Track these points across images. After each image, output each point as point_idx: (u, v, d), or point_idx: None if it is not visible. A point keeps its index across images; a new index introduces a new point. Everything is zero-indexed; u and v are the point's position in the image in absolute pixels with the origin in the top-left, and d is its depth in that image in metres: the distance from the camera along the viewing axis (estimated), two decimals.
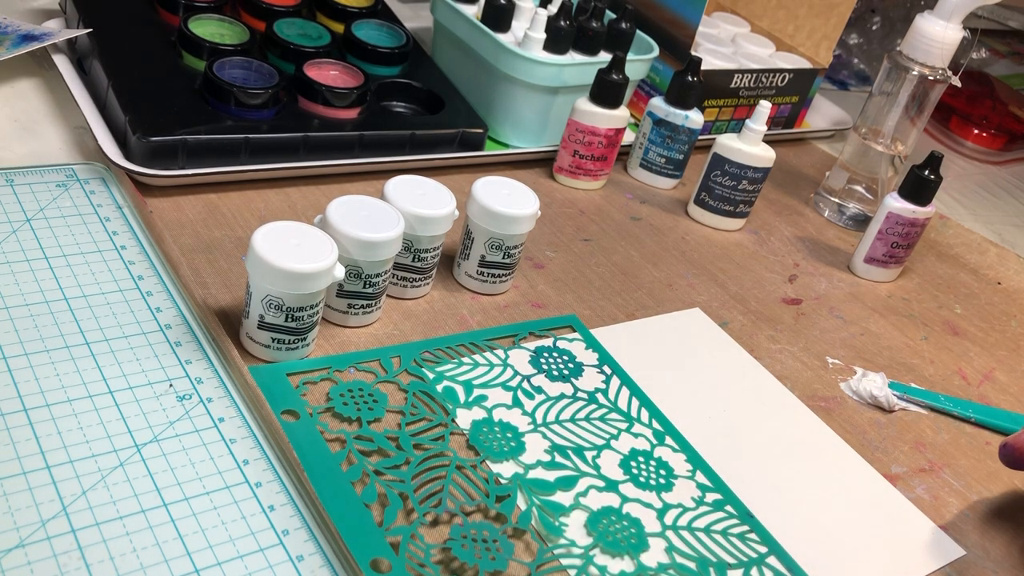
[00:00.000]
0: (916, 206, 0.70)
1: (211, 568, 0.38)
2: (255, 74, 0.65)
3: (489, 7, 0.74)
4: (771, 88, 0.88)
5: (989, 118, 1.09)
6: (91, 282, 0.51)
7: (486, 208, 0.55)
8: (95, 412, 0.43)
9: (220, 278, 0.53)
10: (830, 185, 0.82)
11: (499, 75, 0.72)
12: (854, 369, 0.62)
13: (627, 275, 0.65)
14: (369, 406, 0.47)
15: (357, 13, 0.77)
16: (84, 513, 0.39)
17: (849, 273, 0.75)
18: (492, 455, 0.47)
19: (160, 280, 0.52)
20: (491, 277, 0.58)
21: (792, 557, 0.47)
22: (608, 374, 0.55)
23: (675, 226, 0.73)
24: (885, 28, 1.22)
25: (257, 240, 0.45)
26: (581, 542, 0.44)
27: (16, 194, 0.55)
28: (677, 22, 0.82)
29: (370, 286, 0.51)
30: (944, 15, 0.72)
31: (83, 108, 0.61)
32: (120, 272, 0.52)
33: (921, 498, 0.53)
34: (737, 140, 0.72)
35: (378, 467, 0.44)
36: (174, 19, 0.69)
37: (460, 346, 0.53)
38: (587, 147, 0.72)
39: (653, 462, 0.50)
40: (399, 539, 0.41)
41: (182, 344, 0.48)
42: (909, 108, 0.76)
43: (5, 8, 0.73)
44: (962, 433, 0.60)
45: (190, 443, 0.43)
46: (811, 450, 0.54)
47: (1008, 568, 0.50)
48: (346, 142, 0.65)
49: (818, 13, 0.93)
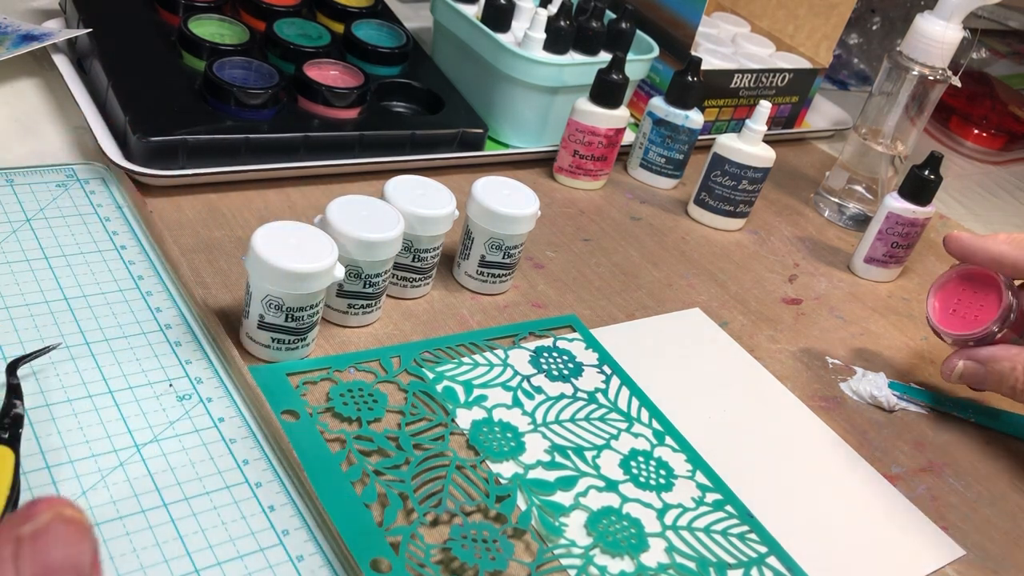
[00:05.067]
0: (916, 206, 0.70)
1: (211, 568, 0.38)
2: (255, 74, 0.65)
3: (489, 7, 0.74)
4: (771, 88, 0.88)
5: (989, 118, 1.09)
6: (91, 282, 0.51)
7: (486, 208, 0.55)
8: (95, 412, 0.43)
9: (220, 278, 0.53)
10: (830, 185, 0.82)
11: (499, 75, 0.72)
12: (854, 369, 0.62)
13: (627, 275, 0.65)
14: (369, 406, 0.47)
15: (357, 13, 0.77)
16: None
17: (849, 273, 0.75)
18: (492, 455, 0.47)
19: (160, 280, 0.52)
20: (491, 277, 0.58)
21: (792, 557, 0.47)
22: (608, 374, 0.55)
23: (675, 226, 0.73)
24: (885, 28, 1.22)
25: (257, 240, 0.45)
26: (581, 542, 0.44)
27: (16, 194, 0.55)
28: (677, 22, 0.82)
29: (370, 286, 0.51)
30: (944, 15, 0.72)
31: (83, 108, 0.61)
32: (120, 272, 0.52)
33: (921, 498, 0.53)
34: (737, 140, 0.72)
35: (378, 467, 0.44)
36: (174, 19, 0.69)
37: (460, 346, 0.53)
38: (587, 147, 0.72)
39: (653, 462, 0.50)
40: (399, 539, 0.41)
41: (182, 344, 0.48)
42: (909, 108, 0.76)
43: (5, 8, 0.73)
44: (962, 433, 0.60)
45: (190, 443, 0.43)
46: (811, 450, 0.54)
47: (1008, 568, 0.50)
48: (346, 142, 0.65)
49: (818, 13, 0.93)
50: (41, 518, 0.24)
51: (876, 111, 0.78)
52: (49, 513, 0.24)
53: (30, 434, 0.41)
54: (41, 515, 0.24)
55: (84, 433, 0.42)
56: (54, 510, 0.24)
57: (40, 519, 0.24)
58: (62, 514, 0.24)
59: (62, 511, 0.24)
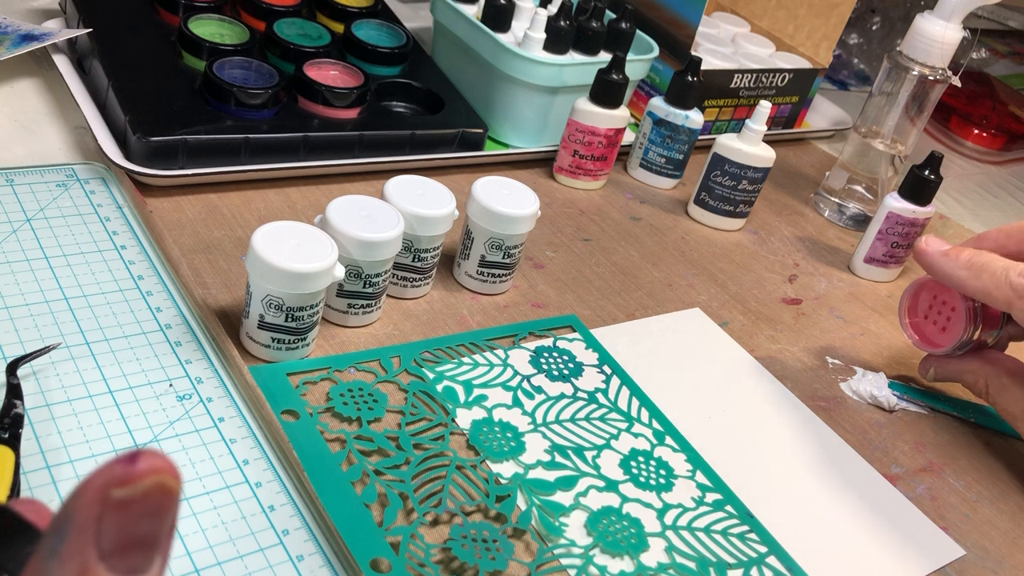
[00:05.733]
0: (916, 206, 0.70)
1: (211, 568, 0.38)
2: (255, 74, 0.65)
3: (489, 7, 0.75)
4: (771, 88, 0.88)
5: (989, 118, 1.09)
6: (91, 282, 0.51)
7: (486, 208, 0.55)
8: (95, 412, 0.43)
9: (220, 278, 0.53)
10: (830, 185, 0.82)
11: (499, 75, 0.72)
12: (854, 369, 0.62)
13: (627, 275, 0.65)
14: (369, 406, 0.47)
15: (357, 13, 0.77)
16: None
17: (849, 273, 0.75)
18: (492, 455, 0.47)
19: (160, 280, 0.52)
20: (491, 277, 0.58)
21: (792, 557, 0.47)
22: (608, 374, 0.55)
23: (675, 226, 0.73)
24: (885, 28, 1.22)
25: (257, 240, 0.45)
26: (581, 542, 0.44)
27: (16, 194, 0.55)
28: (677, 22, 0.82)
29: (370, 286, 0.51)
30: (944, 15, 0.72)
31: (83, 108, 0.61)
32: (120, 272, 0.52)
33: (921, 498, 0.53)
34: (737, 140, 0.72)
35: (378, 467, 0.44)
36: (174, 19, 0.69)
37: (460, 346, 0.53)
38: (587, 147, 0.72)
39: (653, 462, 0.50)
40: (399, 539, 0.41)
41: (182, 344, 0.48)
42: (909, 108, 0.76)
43: (5, 8, 0.73)
44: (962, 433, 0.60)
45: (190, 443, 0.43)
46: (811, 450, 0.54)
47: (1008, 568, 0.50)
48: (346, 142, 0.65)
49: (818, 13, 0.93)
50: (141, 485, 0.21)
51: (876, 111, 0.78)
52: (151, 480, 0.21)
53: (30, 434, 0.41)
54: (142, 481, 0.21)
55: (84, 433, 0.42)
56: (158, 478, 0.21)
57: (139, 486, 0.21)
58: (163, 484, 0.21)
59: (165, 481, 0.21)
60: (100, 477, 0.21)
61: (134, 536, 0.21)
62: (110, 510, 0.21)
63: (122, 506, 0.21)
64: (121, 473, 0.21)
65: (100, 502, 0.21)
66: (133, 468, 0.21)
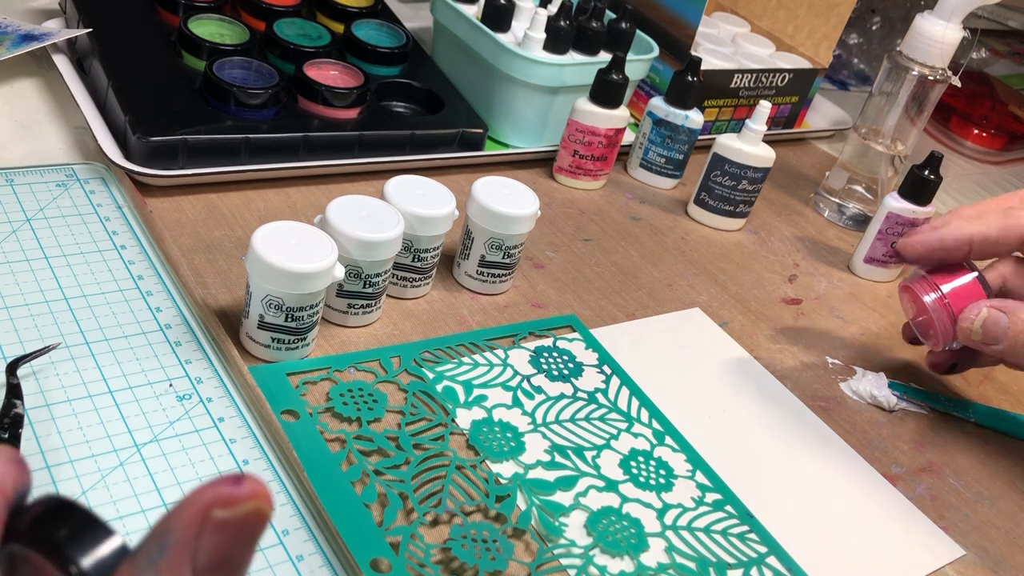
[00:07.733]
0: (916, 206, 0.70)
1: None
2: (255, 74, 0.65)
3: (489, 7, 0.74)
4: (771, 88, 0.88)
5: (989, 118, 1.09)
6: (91, 282, 0.51)
7: (486, 208, 0.55)
8: (95, 412, 0.43)
9: (220, 278, 0.53)
10: (830, 185, 0.82)
11: (499, 75, 0.72)
12: (854, 369, 0.62)
13: (627, 275, 0.65)
14: (369, 406, 0.47)
15: (357, 13, 0.77)
16: None
17: (849, 273, 0.75)
18: (492, 455, 0.47)
19: (160, 280, 0.52)
20: (491, 277, 0.58)
21: (792, 557, 0.47)
22: (608, 374, 0.55)
23: (675, 226, 0.73)
24: (885, 28, 1.22)
25: (257, 240, 0.45)
26: (581, 542, 0.44)
27: (16, 194, 0.55)
28: (677, 22, 0.82)
29: (370, 286, 0.51)
30: (944, 15, 0.72)
31: (83, 108, 0.61)
32: (120, 272, 0.52)
33: (921, 498, 0.53)
34: (737, 140, 0.72)
35: (378, 467, 0.44)
36: (174, 19, 0.69)
37: (460, 346, 0.53)
38: (587, 147, 0.72)
39: (653, 462, 0.50)
40: (399, 539, 0.41)
41: (182, 344, 0.48)
42: (909, 108, 0.76)
43: (5, 8, 0.73)
44: (962, 433, 0.60)
45: (190, 443, 0.43)
46: (811, 450, 0.54)
47: (1008, 568, 0.50)
48: (346, 142, 0.65)
49: (818, 13, 0.93)
50: (242, 508, 0.21)
51: (876, 111, 0.78)
52: (252, 505, 0.21)
53: (30, 434, 0.41)
54: (244, 504, 0.21)
55: (84, 433, 0.42)
56: (257, 503, 0.22)
57: (240, 509, 0.21)
58: (261, 511, 0.22)
59: (263, 508, 0.22)
60: (205, 495, 0.21)
61: (226, 557, 0.22)
62: (210, 529, 0.21)
63: (221, 527, 0.21)
64: (226, 494, 0.21)
65: (201, 520, 0.21)
66: (238, 490, 0.21)
